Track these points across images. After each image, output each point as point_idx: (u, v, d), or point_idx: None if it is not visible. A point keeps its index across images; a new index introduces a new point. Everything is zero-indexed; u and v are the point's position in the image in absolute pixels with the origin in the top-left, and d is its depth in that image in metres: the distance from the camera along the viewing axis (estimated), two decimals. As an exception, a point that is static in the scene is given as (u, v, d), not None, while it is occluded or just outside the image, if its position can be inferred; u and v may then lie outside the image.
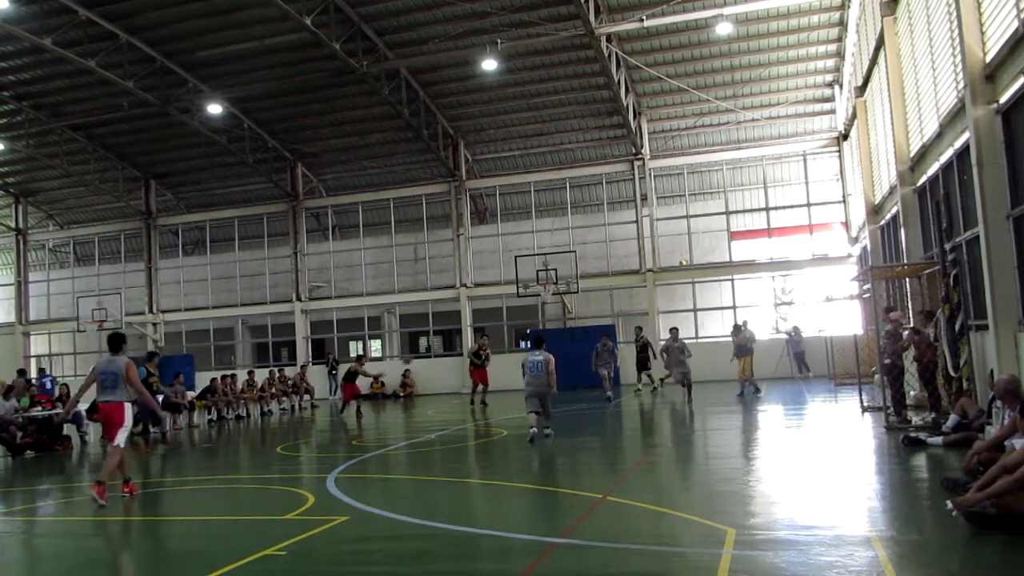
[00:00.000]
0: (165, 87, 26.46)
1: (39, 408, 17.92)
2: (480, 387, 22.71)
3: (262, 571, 6.63)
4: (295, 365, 30.59)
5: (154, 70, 25.77)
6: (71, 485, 12.99)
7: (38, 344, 37.58)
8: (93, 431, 19.01)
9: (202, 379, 26.86)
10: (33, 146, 30.72)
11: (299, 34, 23.42)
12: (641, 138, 28.97)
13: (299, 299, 33.07)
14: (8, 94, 28.43)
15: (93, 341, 35.29)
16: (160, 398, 21.62)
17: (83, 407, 19.18)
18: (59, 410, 18.08)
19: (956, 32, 11.64)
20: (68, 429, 18.20)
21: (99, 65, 24.07)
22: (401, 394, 29.53)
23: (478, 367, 22.71)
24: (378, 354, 36.00)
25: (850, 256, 26.79)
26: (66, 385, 19.69)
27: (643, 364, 23.74)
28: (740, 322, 23.20)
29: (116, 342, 10.57)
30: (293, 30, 23.36)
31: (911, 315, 15.91)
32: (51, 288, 37.44)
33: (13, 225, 37.12)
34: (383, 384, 30.27)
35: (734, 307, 28.48)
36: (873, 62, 18.96)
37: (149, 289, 35.25)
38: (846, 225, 27.58)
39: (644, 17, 21.90)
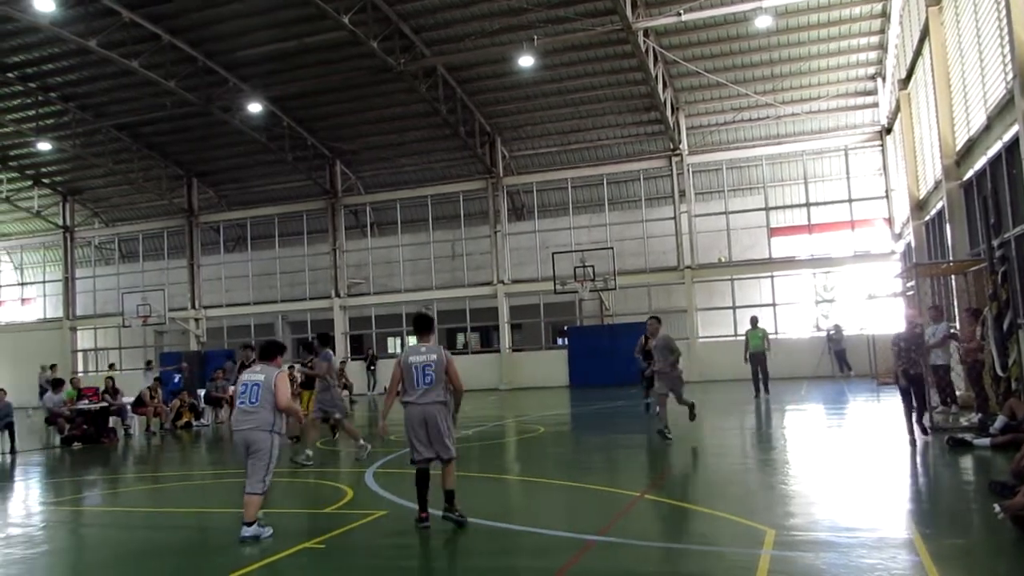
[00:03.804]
0: (206, 87, 26.84)
1: (86, 401, 18.34)
2: None
3: (302, 563, 6.71)
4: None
5: (196, 70, 26.15)
6: (117, 476, 13.26)
7: (84, 339, 38.42)
8: (137, 424, 19.43)
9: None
10: (79, 146, 31.37)
11: (337, 33, 23.58)
12: (679, 133, 28.72)
13: (338, 295, 33.37)
14: (55, 95, 29.06)
15: (138, 336, 36.02)
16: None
17: (128, 400, 19.64)
18: (105, 403, 18.51)
19: (1004, 21, 11.36)
20: (113, 422, 18.62)
21: (142, 66, 24.49)
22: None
23: None
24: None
25: (893, 253, 26.31)
26: (111, 379, 20.10)
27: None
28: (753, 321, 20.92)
29: None
30: (331, 29, 23.53)
31: (957, 313, 15.57)
32: (97, 284, 38.23)
33: (61, 223, 37.96)
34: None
35: (774, 304, 28.16)
36: (917, 53, 18.59)
37: (191, 285, 35.83)
38: (889, 221, 27.09)
39: (682, 11, 21.69)
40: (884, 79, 25.79)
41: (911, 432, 11.33)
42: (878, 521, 7.15)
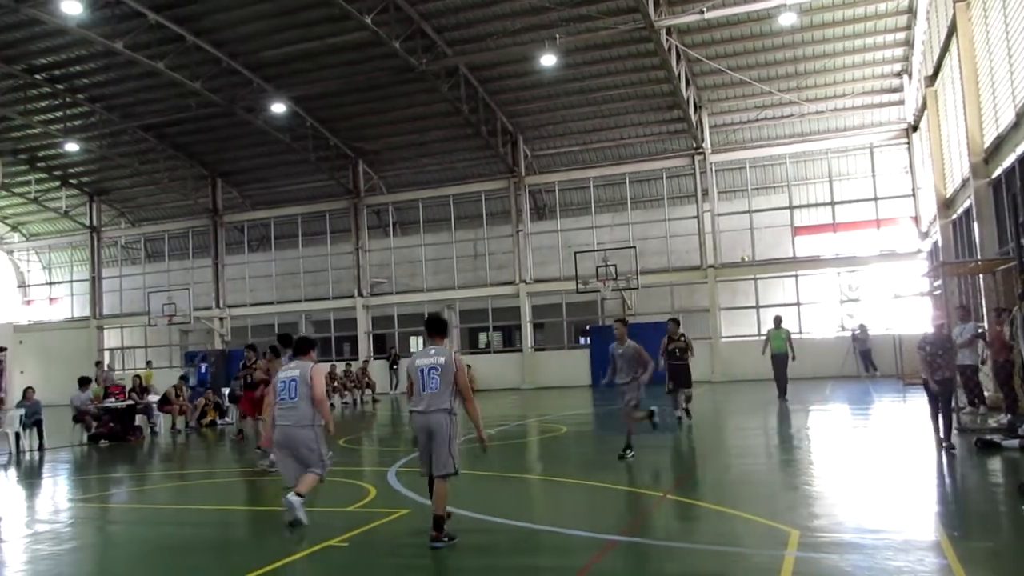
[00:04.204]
0: (231, 87, 27.05)
1: (112, 399, 18.55)
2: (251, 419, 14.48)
3: (325, 562, 6.75)
4: (357, 360, 31.07)
5: (220, 71, 26.36)
6: (143, 473, 13.39)
7: (111, 337, 38.87)
8: (162, 422, 19.63)
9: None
10: (106, 146, 31.74)
11: (360, 33, 23.69)
12: (702, 132, 28.56)
13: (361, 295, 33.51)
14: (83, 96, 29.40)
15: (163, 335, 36.39)
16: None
17: (153, 399, 19.84)
18: (132, 401, 18.72)
19: (1034, 18, 11.19)
20: (140, 420, 18.82)
21: (168, 67, 24.73)
22: (460, 389, 29.68)
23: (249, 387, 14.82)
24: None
25: (920, 252, 26.01)
26: (138, 377, 20.33)
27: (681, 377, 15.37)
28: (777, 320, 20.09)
29: None
30: (354, 29, 23.64)
31: (985, 313, 15.37)
32: (123, 284, 38.65)
33: (88, 223, 38.43)
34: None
35: (798, 304, 27.93)
36: (944, 50, 18.37)
37: (216, 284, 36.14)
38: (916, 220, 26.78)
39: (704, 9, 21.56)
40: (910, 76, 25.50)
41: (936, 435, 10.79)
42: (904, 523, 7.07)
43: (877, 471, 9.78)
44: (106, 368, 30.58)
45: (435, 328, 7.38)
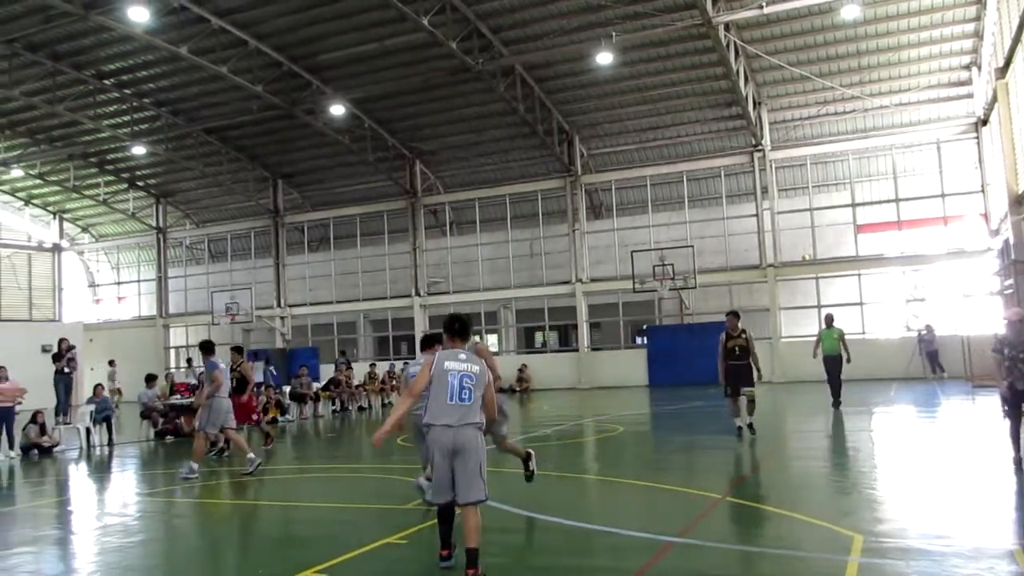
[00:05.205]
0: (291, 90, 27.56)
1: (178, 396, 19.03)
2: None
3: (383, 558, 6.81)
4: (414, 359, 31.31)
5: (281, 74, 26.87)
6: (206, 469, 13.70)
7: (176, 336, 39.93)
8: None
9: (326, 371, 27.87)
10: (171, 149, 32.63)
11: (417, 34, 23.90)
12: (761, 129, 28.09)
13: (418, 294, 33.80)
14: (149, 101, 30.27)
15: (226, 333, 37.18)
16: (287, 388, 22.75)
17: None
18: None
19: (1113, 6, 10.73)
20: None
21: (230, 71, 25.30)
22: (517, 389, 29.76)
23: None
24: (495, 348, 36.37)
25: (989, 249, 25.16)
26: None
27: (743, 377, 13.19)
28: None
29: None
30: (411, 31, 23.87)
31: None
32: (188, 283, 39.73)
33: (154, 224, 39.57)
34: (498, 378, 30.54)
35: (861, 303, 27.30)
36: (1016, 40, 17.73)
37: (277, 284, 36.85)
38: (985, 216, 25.92)
39: (764, 3, 21.22)
40: (980, 68, 24.70)
41: (1016, 450, 9.30)
42: (974, 530, 6.85)
43: (945, 475, 9.50)
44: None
45: (459, 331, 6.32)
